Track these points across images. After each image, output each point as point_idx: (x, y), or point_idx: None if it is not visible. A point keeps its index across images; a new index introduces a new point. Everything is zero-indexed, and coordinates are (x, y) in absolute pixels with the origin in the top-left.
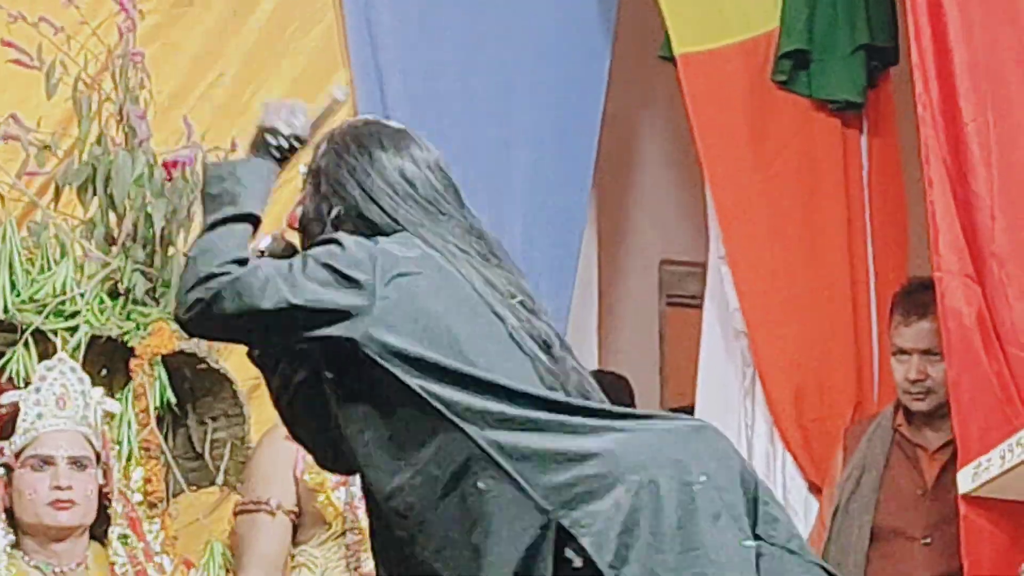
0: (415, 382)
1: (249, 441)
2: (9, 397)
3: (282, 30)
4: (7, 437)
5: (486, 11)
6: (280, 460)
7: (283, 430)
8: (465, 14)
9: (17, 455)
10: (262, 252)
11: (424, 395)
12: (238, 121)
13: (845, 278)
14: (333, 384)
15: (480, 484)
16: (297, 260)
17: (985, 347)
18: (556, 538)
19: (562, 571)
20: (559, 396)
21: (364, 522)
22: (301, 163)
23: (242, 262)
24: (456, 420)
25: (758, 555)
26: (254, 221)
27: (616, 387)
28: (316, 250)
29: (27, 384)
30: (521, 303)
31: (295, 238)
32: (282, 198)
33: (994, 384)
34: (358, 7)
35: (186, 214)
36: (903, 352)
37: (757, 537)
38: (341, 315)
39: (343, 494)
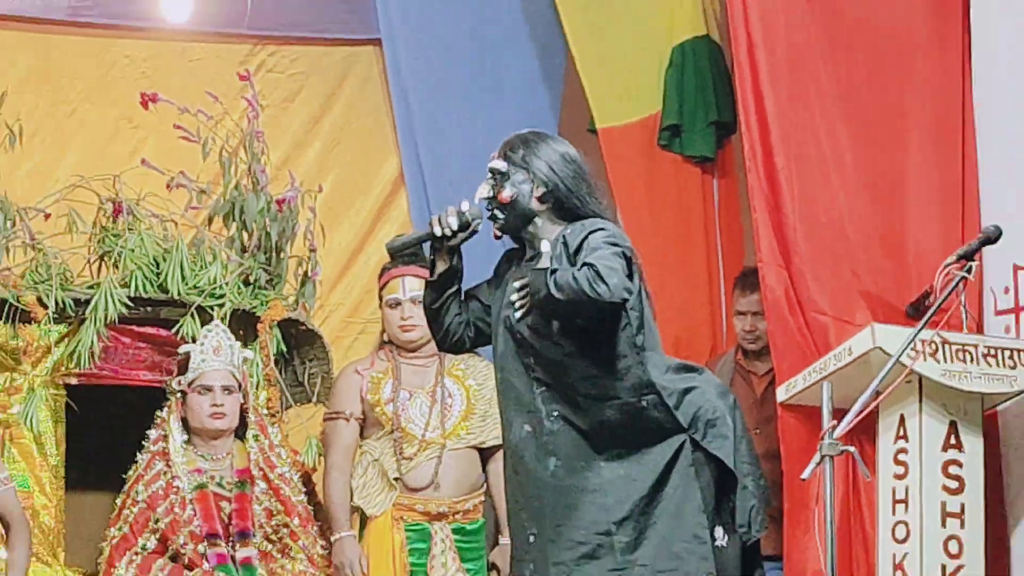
0: (626, 334)
1: (332, 374)
2: (184, 348)
3: (348, 122)
4: (182, 374)
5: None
6: (351, 385)
7: (353, 366)
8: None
9: (189, 384)
10: (462, 213)
11: (631, 344)
12: (324, 176)
13: (703, 269)
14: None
15: (643, 402)
16: (609, 253)
17: (791, 311)
18: (692, 448)
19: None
20: (678, 361)
21: (408, 425)
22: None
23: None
24: (645, 363)
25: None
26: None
27: None
28: (611, 244)
29: (194, 340)
30: None
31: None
32: None
33: (797, 335)
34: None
35: (290, 232)
36: (740, 313)
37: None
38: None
39: (391, 407)
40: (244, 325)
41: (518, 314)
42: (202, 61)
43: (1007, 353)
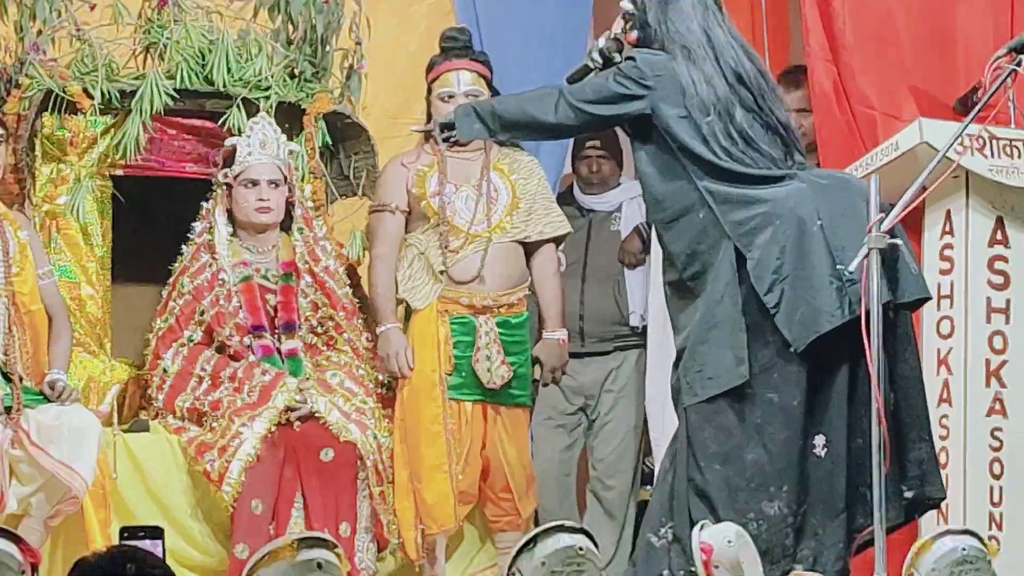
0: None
1: (378, 167)
2: (230, 141)
3: None
4: (229, 166)
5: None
6: (397, 178)
7: (399, 159)
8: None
9: (235, 177)
10: (601, 50)
11: (681, 155)
12: None
13: None
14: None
15: (700, 215)
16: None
17: (838, 105)
18: (735, 256)
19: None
20: (744, 163)
21: (453, 218)
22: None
23: None
24: (690, 172)
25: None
26: None
27: None
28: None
29: (240, 133)
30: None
31: None
32: None
33: (844, 129)
34: None
35: (336, 25)
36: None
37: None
38: None
39: (437, 200)
40: (290, 118)
41: None
42: None
43: None
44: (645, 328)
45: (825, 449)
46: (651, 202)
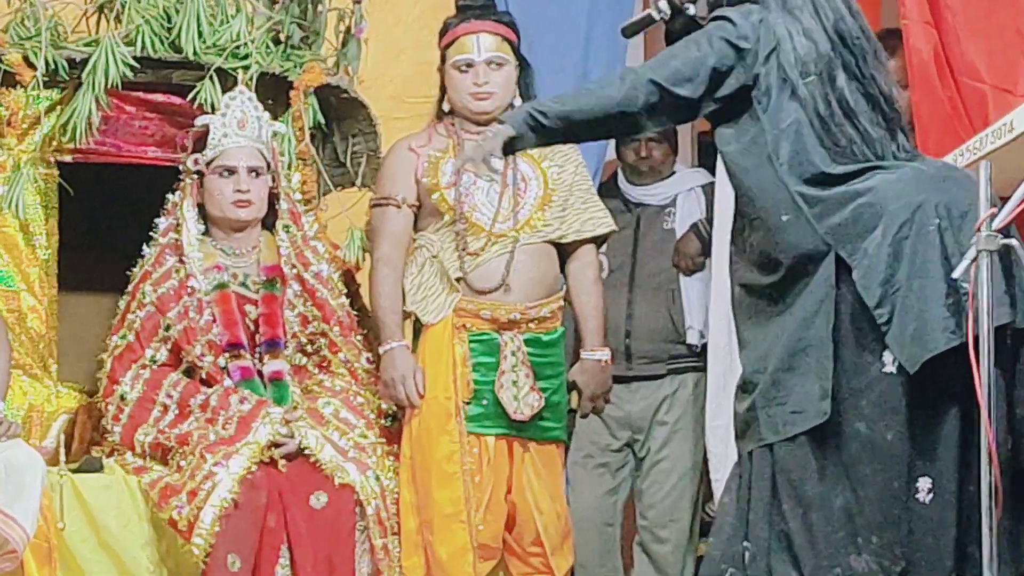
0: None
1: (380, 152)
2: (201, 120)
3: None
4: (200, 151)
5: None
6: (404, 165)
7: (407, 142)
8: None
9: (208, 164)
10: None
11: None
12: None
13: None
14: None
15: (784, 217)
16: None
17: (940, 77)
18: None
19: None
20: (839, 145)
21: (473, 214)
22: None
23: None
24: (778, 170)
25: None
26: None
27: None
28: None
29: (213, 110)
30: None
31: None
32: None
33: (947, 106)
34: None
35: None
36: None
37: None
38: None
39: (452, 193)
40: (274, 92)
41: None
42: None
43: None
44: (705, 347)
45: (931, 495)
46: (739, 194)
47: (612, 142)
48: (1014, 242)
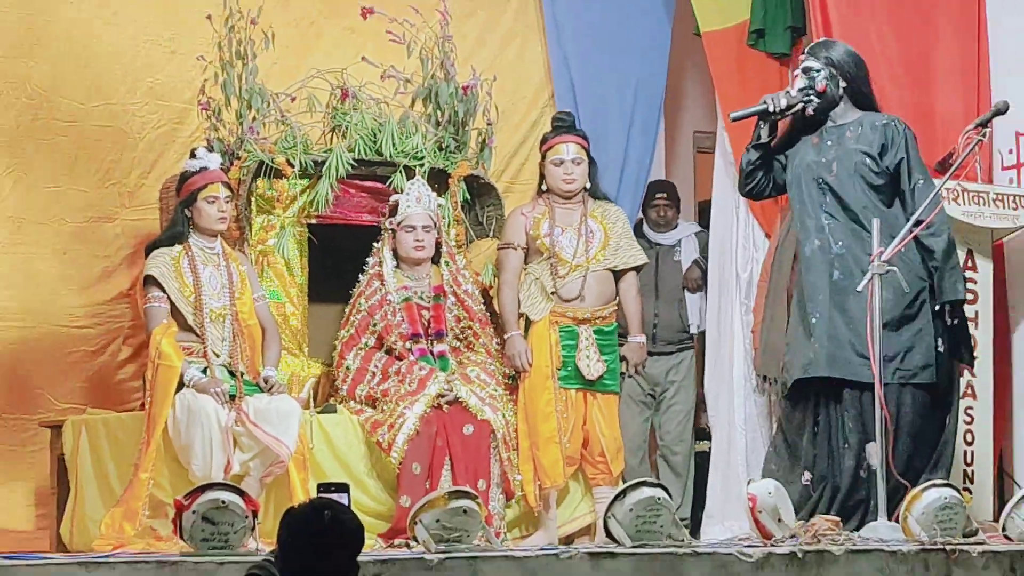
0: None
1: (504, 215)
2: (395, 198)
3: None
4: (393, 216)
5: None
6: (518, 223)
7: (520, 209)
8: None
9: (398, 224)
10: (790, 95)
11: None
12: (492, 66)
13: None
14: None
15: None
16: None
17: None
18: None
19: None
20: None
21: (561, 252)
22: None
23: None
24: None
25: None
26: None
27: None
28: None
29: (402, 191)
30: None
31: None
32: None
33: None
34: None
35: (472, 111)
36: None
37: None
38: None
39: (548, 240)
40: (438, 180)
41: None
42: None
43: (1011, 198)
44: (703, 335)
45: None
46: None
47: (640, 205)
48: (894, 268)
